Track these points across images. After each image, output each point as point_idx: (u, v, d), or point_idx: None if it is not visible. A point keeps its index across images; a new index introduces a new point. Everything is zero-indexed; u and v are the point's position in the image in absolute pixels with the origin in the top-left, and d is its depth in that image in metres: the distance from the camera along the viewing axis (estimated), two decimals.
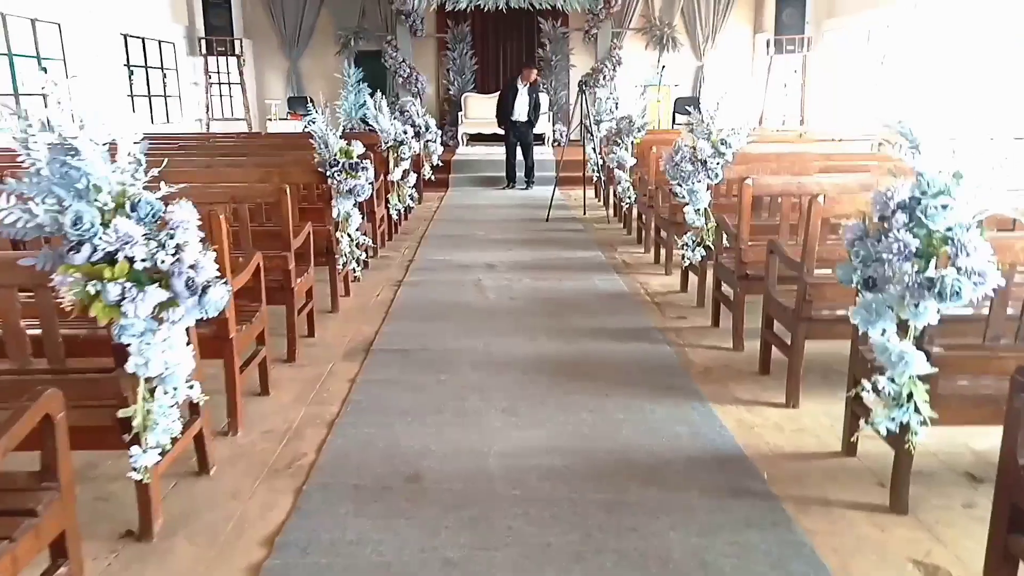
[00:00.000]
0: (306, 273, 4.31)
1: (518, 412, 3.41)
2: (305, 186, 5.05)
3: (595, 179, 10.24)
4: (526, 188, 11.04)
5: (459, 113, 14.59)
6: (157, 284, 2.18)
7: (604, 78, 14.05)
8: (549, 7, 13.64)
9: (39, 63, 8.81)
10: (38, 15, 8.69)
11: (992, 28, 8.64)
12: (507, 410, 3.44)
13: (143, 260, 2.15)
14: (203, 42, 12.60)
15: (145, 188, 2.25)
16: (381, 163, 7.30)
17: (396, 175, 7.25)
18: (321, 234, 4.86)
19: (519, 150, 10.99)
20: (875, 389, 2.39)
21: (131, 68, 10.98)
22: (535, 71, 11.02)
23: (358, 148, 4.77)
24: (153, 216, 2.19)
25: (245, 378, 3.39)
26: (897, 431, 2.40)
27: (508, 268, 6.27)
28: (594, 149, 9.99)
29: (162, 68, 11.99)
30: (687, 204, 4.85)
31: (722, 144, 4.62)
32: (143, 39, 11.30)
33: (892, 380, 2.37)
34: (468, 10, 13.58)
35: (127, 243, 2.11)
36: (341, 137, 4.80)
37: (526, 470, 2.87)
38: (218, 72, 13.85)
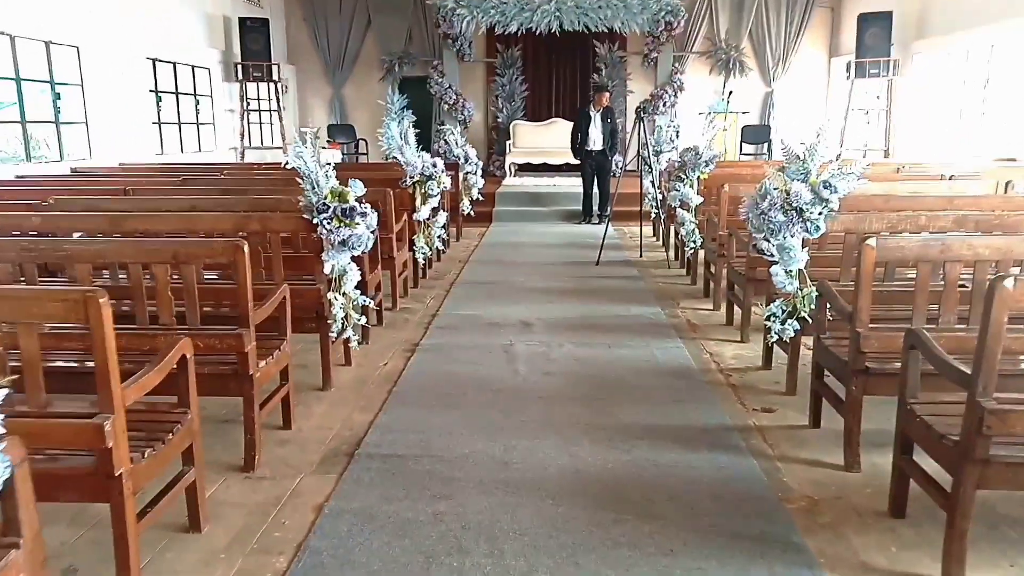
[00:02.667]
0: (278, 350, 3.33)
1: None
2: (294, 232, 4.10)
3: (653, 215, 9.14)
4: (599, 222, 10.00)
5: (507, 142, 13.68)
6: None
7: (664, 104, 13.00)
8: (606, 29, 12.69)
9: (52, 88, 8.19)
10: (53, 37, 8.09)
11: None
12: (525, 574, 2.37)
13: None
14: (239, 67, 12.00)
15: None
16: (406, 200, 6.38)
17: (423, 214, 6.29)
18: (311, 294, 3.91)
19: (596, 181, 10.03)
20: None
21: (159, 94, 10.38)
22: (607, 94, 10.05)
23: (356, 189, 3.81)
24: None
25: (162, 512, 2.42)
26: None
27: (546, 328, 5.22)
28: (652, 183, 8.91)
29: (195, 94, 11.40)
30: (775, 262, 3.74)
31: (825, 188, 3.50)
32: (174, 64, 10.72)
33: None
34: (519, 34, 12.70)
35: None
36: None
37: None
38: (257, 99, 13.25)
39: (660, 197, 8.46)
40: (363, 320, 4.06)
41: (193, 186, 6.05)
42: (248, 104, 12.85)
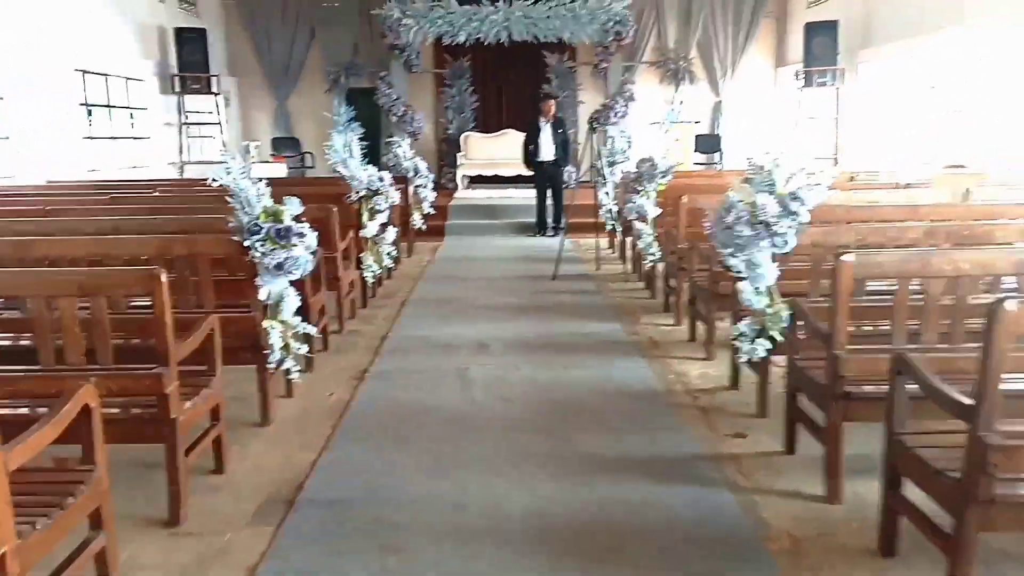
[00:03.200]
0: (207, 388, 3.00)
1: None
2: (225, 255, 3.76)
3: (609, 227, 8.98)
4: (554, 235, 9.77)
5: (458, 154, 13.41)
6: None
7: (616, 115, 12.88)
8: (555, 40, 12.53)
9: None
10: None
11: None
12: None
13: None
14: (176, 79, 11.50)
15: None
16: (353, 216, 6.07)
17: (370, 230, 5.98)
18: (245, 323, 3.58)
19: (549, 194, 9.83)
20: None
21: (90, 108, 9.85)
22: (553, 103, 9.85)
23: (292, 207, 3.50)
24: None
25: None
26: None
27: (504, 349, 4.96)
28: (607, 194, 8.75)
29: (129, 107, 10.87)
30: (742, 278, 3.55)
31: (793, 199, 3.32)
32: (106, 76, 10.19)
33: None
34: (467, 44, 12.47)
35: None
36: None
37: None
38: (198, 112, 12.74)
39: (615, 209, 8.30)
40: (304, 349, 3.74)
41: (121, 204, 5.65)
42: (188, 117, 12.35)
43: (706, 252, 4.76)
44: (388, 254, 6.17)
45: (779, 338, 3.52)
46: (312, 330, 3.75)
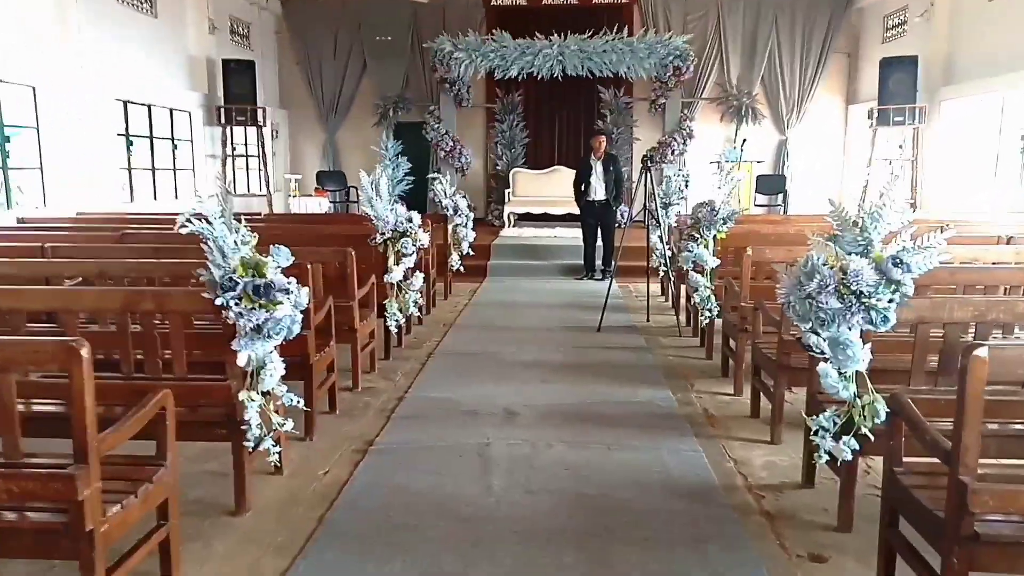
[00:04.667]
0: (148, 482, 2.42)
1: None
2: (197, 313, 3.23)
3: (661, 274, 8.28)
4: (602, 279, 9.15)
5: (506, 190, 12.90)
6: None
7: (672, 153, 12.23)
8: (611, 74, 11.99)
9: (0, 131, 7.45)
10: (3, 75, 7.38)
11: None
12: None
13: None
14: (222, 111, 11.31)
15: None
16: (377, 260, 5.54)
17: (395, 275, 5.43)
18: (219, 393, 3.02)
19: (599, 234, 9.25)
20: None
21: (130, 138, 9.65)
22: (604, 139, 9.27)
23: (280, 258, 2.94)
24: None
25: None
26: None
27: (534, 418, 4.30)
28: (660, 237, 8.07)
29: (172, 138, 10.69)
30: (824, 359, 2.84)
31: (895, 265, 2.61)
32: (149, 106, 10.02)
33: None
34: (520, 78, 12.05)
35: None
36: None
37: None
38: (245, 144, 12.56)
39: (669, 253, 7.61)
40: (288, 426, 3.15)
41: (127, 244, 5.22)
42: (235, 149, 12.16)
43: (774, 314, 4.06)
44: (414, 302, 5.60)
45: (871, 436, 2.79)
46: (298, 401, 3.15)
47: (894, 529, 2.49)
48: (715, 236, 5.51)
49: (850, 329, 2.71)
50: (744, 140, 11.10)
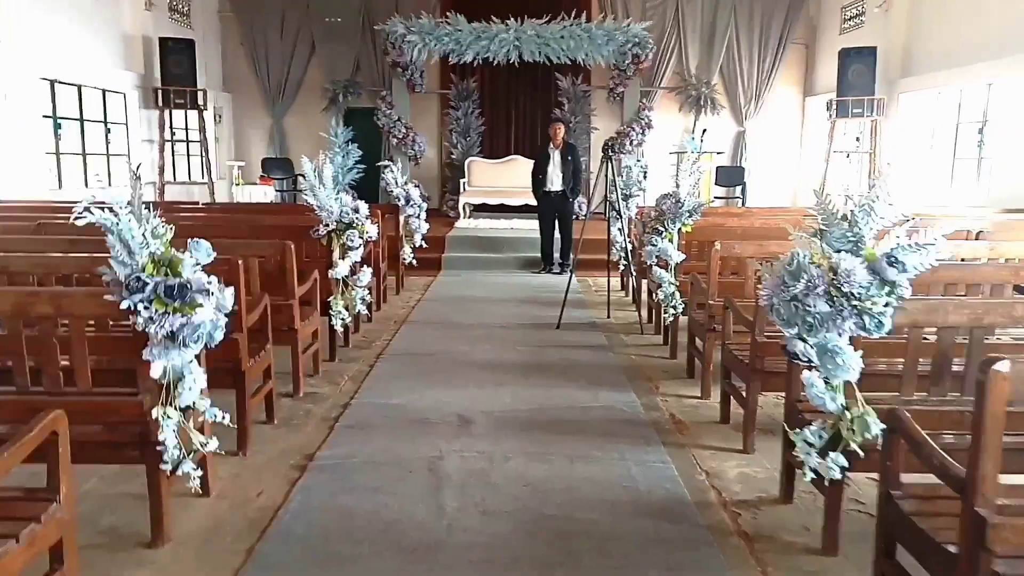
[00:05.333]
0: (37, 522, 2.04)
1: None
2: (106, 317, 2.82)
3: (622, 268, 8.04)
4: (560, 272, 8.89)
5: (462, 180, 12.53)
6: None
7: (631, 143, 11.98)
8: (569, 61, 11.67)
9: None
10: None
11: None
12: None
13: None
14: (159, 93, 10.68)
15: None
16: (322, 254, 5.15)
17: (341, 270, 5.05)
18: (130, 409, 2.63)
19: (556, 226, 8.98)
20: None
21: (57, 120, 9.02)
22: (562, 127, 8.96)
23: (199, 253, 2.56)
24: None
25: None
26: None
27: (492, 427, 3.98)
28: (620, 230, 7.82)
29: (105, 121, 10.05)
30: (809, 365, 2.58)
31: (891, 264, 2.35)
32: (79, 86, 9.38)
33: None
34: (475, 64, 11.65)
35: None
36: None
37: None
38: (185, 129, 11.94)
39: (629, 247, 7.37)
40: (212, 446, 2.77)
41: (45, 235, 4.74)
42: (174, 134, 11.53)
43: (745, 313, 3.81)
44: (361, 299, 5.22)
45: (860, 453, 2.54)
46: (222, 417, 2.77)
47: (891, 560, 2.24)
48: (679, 229, 5.25)
49: (840, 335, 2.45)
50: (704, 130, 10.85)
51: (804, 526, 2.95)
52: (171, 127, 11.26)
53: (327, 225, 4.99)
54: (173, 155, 11.56)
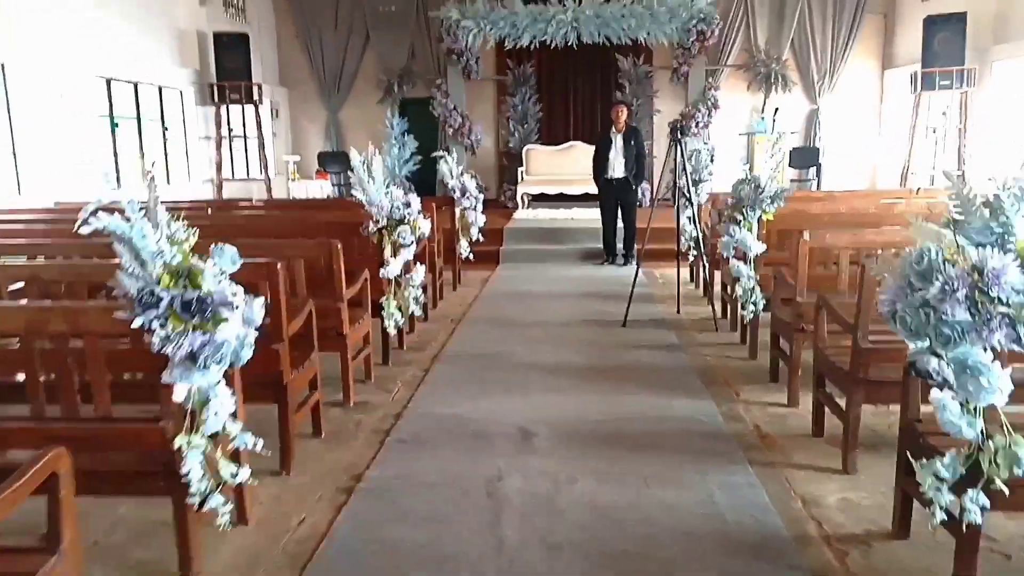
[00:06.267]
0: None
1: None
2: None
3: (691, 258, 7.56)
4: (624, 263, 8.49)
5: (519, 169, 12.15)
6: None
7: (697, 125, 11.41)
8: (630, 41, 11.18)
9: None
10: None
11: None
12: None
13: None
14: (214, 89, 10.61)
15: None
16: (373, 252, 4.85)
17: (392, 269, 4.75)
18: (152, 437, 2.35)
19: (619, 215, 8.56)
20: None
21: (115, 120, 9.00)
22: (625, 110, 8.49)
23: (223, 261, 2.26)
24: None
25: None
26: None
27: (555, 441, 3.62)
28: (689, 218, 7.33)
29: (162, 120, 10.03)
30: (941, 385, 2.13)
31: None
32: (135, 84, 9.35)
33: None
34: (532, 48, 11.24)
35: None
36: None
37: None
38: (243, 124, 11.87)
39: (699, 235, 6.87)
40: (242, 475, 2.47)
41: (87, 239, 4.55)
42: (232, 130, 11.48)
43: (842, 312, 3.35)
44: (415, 299, 4.91)
45: (1005, 490, 2.08)
46: (255, 444, 2.47)
47: None
48: (760, 218, 4.77)
49: (985, 350, 1.99)
50: (776, 109, 10.26)
51: (927, 569, 2.50)
52: (228, 123, 11.21)
53: (377, 222, 4.69)
54: (231, 152, 11.51)
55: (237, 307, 2.23)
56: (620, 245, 8.72)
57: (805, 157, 12.04)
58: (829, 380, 3.51)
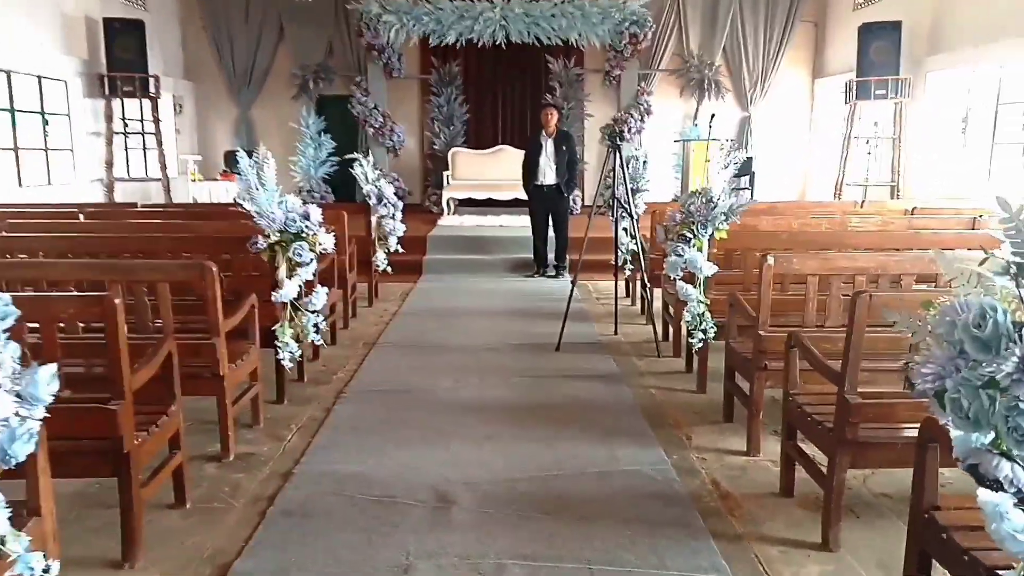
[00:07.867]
0: None
1: None
2: None
3: (627, 272, 7.04)
4: (555, 275, 7.94)
5: (445, 173, 11.46)
6: None
7: (629, 130, 10.97)
8: (561, 43, 10.66)
9: None
10: None
11: None
12: None
13: None
14: (105, 80, 9.54)
15: None
16: (264, 273, 4.10)
17: (287, 292, 4.00)
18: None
19: (550, 224, 8.01)
20: None
21: None
22: (555, 112, 7.94)
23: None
24: None
25: None
26: None
27: (477, 512, 2.95)
28: (626, 229, 6.81)
29: (42, 113, 8.91)
30: (992, 486, 1.57)
31: None
32: (8, 73, 8.24)
33: None
34: (458, 46, 10.58)
35: None
36: None
37: None
38: (141, 120, 10.77)
39: (637, 249, 6.34)
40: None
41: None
42: (127, 126, 10.39)
43: (820, 353, 2.81)
44: (314, 326, 4.17)
45: None
46: (45, 569, 1.72)
47: None
48: (711, 236, 4.23)
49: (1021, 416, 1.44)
50: (713, 115, 9.87)
51: None
52: (124, 118, 10.15)
53: (268, 236, 3.93)
54: (126, 149, 10.43)
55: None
56: (551, 255, 8.15)
57: (740, 166, 11.70)
58: (804, 435, 2.96)
